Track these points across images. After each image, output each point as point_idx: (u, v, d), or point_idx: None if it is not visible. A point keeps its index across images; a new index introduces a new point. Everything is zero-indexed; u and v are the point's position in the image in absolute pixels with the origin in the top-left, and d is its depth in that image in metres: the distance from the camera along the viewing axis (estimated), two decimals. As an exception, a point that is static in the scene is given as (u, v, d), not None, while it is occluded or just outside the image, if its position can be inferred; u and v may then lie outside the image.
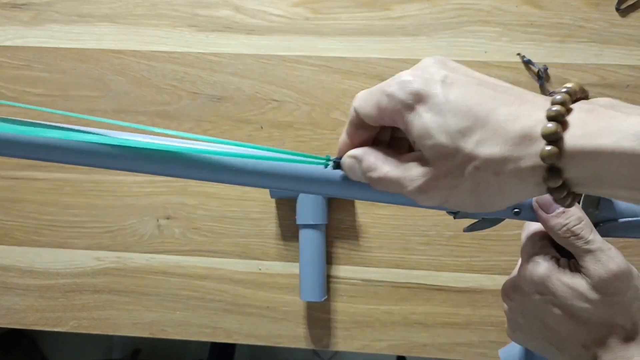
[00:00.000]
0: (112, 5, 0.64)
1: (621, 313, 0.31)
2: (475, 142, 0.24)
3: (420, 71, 0.26)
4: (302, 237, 0.59)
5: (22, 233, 0.66)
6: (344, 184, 0.32)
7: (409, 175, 0.27)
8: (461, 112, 0.24)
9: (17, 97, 0.65)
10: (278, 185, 0.33)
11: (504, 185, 0.25)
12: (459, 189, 0.26)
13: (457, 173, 0.25)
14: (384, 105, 0.27)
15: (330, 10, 0.62)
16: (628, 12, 0.59)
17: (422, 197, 0.27)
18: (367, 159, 0.29)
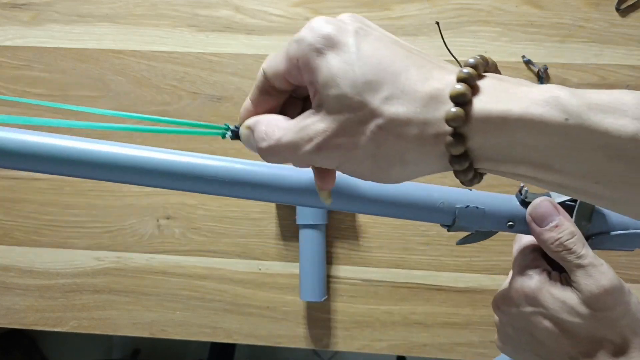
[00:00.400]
0: (112, 5, 0.64)
1: (610, 328, 0.31)
2: (383, 98, 0.23)
3: (335, 20, 0.25)
4: (302, 237, 0.59)
5: (22, 233, 0.66)
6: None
7: (306, 134, 0.24)
8: (371, 65, 0.23)
9: (17, 97, 0.65)
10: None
11: (405, 151, 0.23)
12: (358, 151, 0.24)
13: (359, 130, 0.23)
14: (293, 52, 0.25)
15: (330, 10, 0.62)
16: (628, 12, 0.59)
17: (320, 156, 0.25)
18: (260, 127, 0.26)
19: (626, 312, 0.32)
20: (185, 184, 0.31)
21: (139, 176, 0.31)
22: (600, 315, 0.31)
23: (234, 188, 0.32)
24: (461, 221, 0.33)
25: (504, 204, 0.34)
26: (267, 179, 0.32)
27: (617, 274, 0.32)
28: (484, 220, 0.33)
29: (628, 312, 0.32)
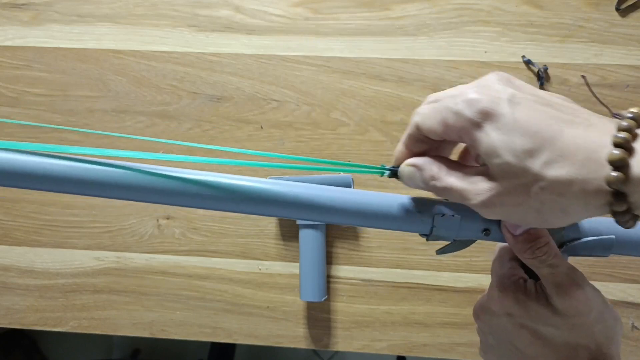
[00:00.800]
0: (112, 5, 0.64)
1: (584, 335, 0.32)
2: (543, 162, 0.25)
3: (486, 89, 0.27)
4: (302, 237, 0.59)
5: (22, 233, 0.66)
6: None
7: (474, 188, 0.28)
8: (529, 133, 0.25)
9: (17, 97, 0.65)
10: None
11: (568, 205, 0.25)
12: (523, 206, 0.26)
13: (523, 191, 0.26)
14: (451, 122, 0.27)
15: (330, 10, 0.62)
16: (628, 12, 0.59)
17: (485, 210, 0.28)
18: (430, 167, 0.30)
19: (599, 318, 0.32)
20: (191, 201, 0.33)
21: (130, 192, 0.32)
22: (572, 322, 0.31)
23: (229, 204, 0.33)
24: (438, 230, 0.34)
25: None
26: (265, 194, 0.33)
27: (593, 281, 0.32)
28: (460, 228, 0.34)
29: (601, 319, 0.32)
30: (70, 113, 0.65)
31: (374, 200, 0.34)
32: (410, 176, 0.31)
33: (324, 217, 0.33)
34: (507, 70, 0.60)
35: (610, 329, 0.32)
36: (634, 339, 0.60)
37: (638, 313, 0.60)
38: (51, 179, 0.31)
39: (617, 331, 0.33)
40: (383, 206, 0.33)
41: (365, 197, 0.34)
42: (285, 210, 0.33)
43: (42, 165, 0.30)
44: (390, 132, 0.61)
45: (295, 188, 0.33)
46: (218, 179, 0.33)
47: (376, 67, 0.61)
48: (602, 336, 0.32)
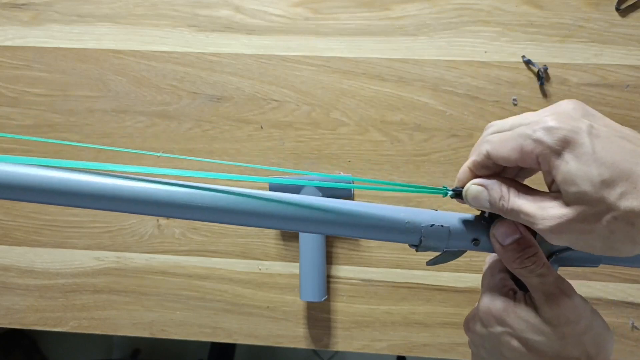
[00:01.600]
0: (112, 5, 0.64)
1: (574, 345, 0.32)
2: (618, 194, 0.26)
3: (564, 117, 0.28)
4: (302, 237, 0.59)
5: (22, 233, 0.66)
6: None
7: (544, 214, 0.29)
8: (606, 164, 0.27)
9: (17, 97, 0.65)
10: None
11: (637, 234, 0.27)
12: (592, 234, 0.28)
13: (594, 220, 0.27)
14: (529, 149, 0.29)
15: (330, 10, 0.62)
16: (628, 12, 0.59)
17: (553, 236, 0.29)
18: (498, 188, 0.31)
19: (589, 327, 0.32)
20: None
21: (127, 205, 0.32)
22: (561, 331, 0.31)
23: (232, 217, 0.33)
24: (427, 240, 0.34)
25: (468, 223, 0.35)
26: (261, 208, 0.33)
27: (582, 290, 0.33)
28: (449, 238, 0.34)
29: (591, 328, 0.32)
30: (70, 113, 0.65)
31: (363, 210, 0.34)
32: (476, 196, 0.32)
33: (312, 228, 0.33)
34: (507, 70, 0.60)
35: (600, 338, 0.32)
36: (634, 339, 0.60)
37: (638, 313, 0.60)
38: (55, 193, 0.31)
39: (607, 340, 0.33)
40: (372, 216, 0.33)
41: (353, 207, 0.34)
42: (271, 222, 0.33)
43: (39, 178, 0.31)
44: (390, 132, 0.61)
45: (284, 199, 0.33)
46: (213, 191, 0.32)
47: (376, 67, 0.61)
48: (592, 346, 0.32)
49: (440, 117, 0.61)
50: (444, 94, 0.61)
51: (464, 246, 0.35)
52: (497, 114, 0.60)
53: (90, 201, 0.31)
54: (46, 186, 0.31)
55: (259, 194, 0.32)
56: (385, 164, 0.61)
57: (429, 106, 0.61)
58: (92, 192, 0.31)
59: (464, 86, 0.60)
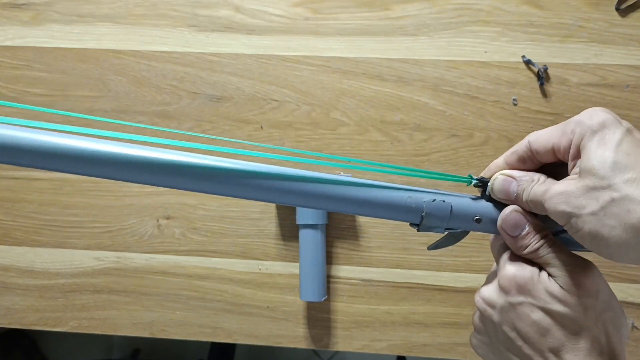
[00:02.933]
0: (112, 5, 0.64)
1: (595, 320, 0.31)
2: (625, 179, 0.28)
3: (612, 113, 0.31)
4: (302, 237, 0.59)
5: (22, 233, 0.66)
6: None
7: (551, 189, 0.31)
8: (626, 155, 0.28)
9: (17, 97, 0.65)
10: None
11: (630, 228, 0.27)
12: (585, 211, 0.29)
13: (591, 196, 0.28)
14: (570, 128, 0.31)
15: (330, 10, 0.62)
16: (628, 12, 0.59)
17: (551, 209, 0.30)
18: (527, 177, 0.33)
19: (608, 305, 0.32)
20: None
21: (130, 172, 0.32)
22: (584, 302, 0.31)
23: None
24: (429, 218, 0.33)
25: (470, 201, 0.35)
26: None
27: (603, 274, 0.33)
28: (451, 217, 0.34)
29: (610, 307, 0.32)
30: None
31: (364, 186, 0.33)
32: (501, 184, 0.34)
33: (311, 203, 0.33)
34: (507, 70, 0.60)
35: (617, 319, 0.32)
36: (634, 339, 0.60)
37: (638, 313, 0.60)
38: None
39: (623, 323, 0.33)
40: (373, 192, 0.33)
41: (354, 182, 0.33)
42: (270, 195, 0.33)
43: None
44: (390, 132, 0.61)
45: (281, 172, 0.33)
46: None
47: (376, 67, 0.61)
48: (611, 325, 0.32)
49: (440, 117, 0.61)
50: (444, 94, 0.61)
51: (466, 226, 0.35)
52: (497, 114, 0.60)
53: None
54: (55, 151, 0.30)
55: (259, 167, 0.32)
56: (387, 163, 0.61)
57: (429, 106, 0.61)
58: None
59: (464, 86, 0.60)
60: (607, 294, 0.32)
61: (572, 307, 0.31)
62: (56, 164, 0.30)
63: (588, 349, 0.31)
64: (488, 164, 0.60)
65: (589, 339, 0.31)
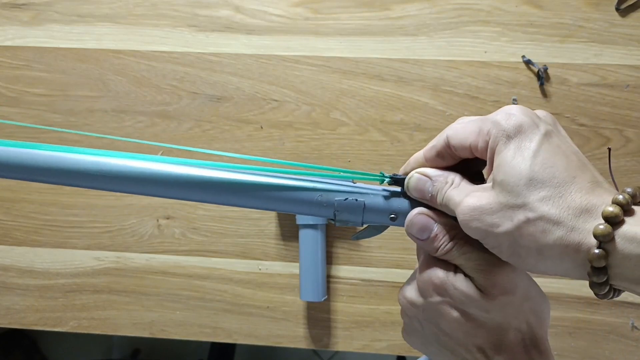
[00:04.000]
0: (112, 5, 0.64)
1: (514, 314, 0.31)
2: (541, 197, 0.26)
3: (529, 113, 0.28)
4: (302, 237, 0.59)
5: (22, 233, 0.66)
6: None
7: (464, 202, 0.29)
8: (543, 166, 0.26)
9: (17, 97, 0.65)
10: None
11: (545, 248, 0.26)
12: (499, 231, 0.27)
13: (505, 215, 0.27)
14: (486, 129, 0.29)
15: (330, 10, 0.62)
16: (628, 12, 0.59)
17: (463, 225, 0.29)
18: (443, 177, 0.31)
19: (526, 296, 0.31)
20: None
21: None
22: (499, 301, 0.30)
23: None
24: (342, 214, 0.34)
25: (387, 197, 0.34)
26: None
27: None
28: (365, 213, 0.34)
29: (529, 298, 0.31)
30: (70, 113, 0.65)
31: (276, 182, 0.33)
32: (416, 182, 0.32)
33: (221, 199, 0.34)
34: (507, 70, 0.60)
35: (539, 306, 0.32)
36: (634, 339, 0.60)
37: (638, 313, 0.60)
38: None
39: (545, 310, 0.33)
40: (285, 187, 0.33)
41: (274, 180, 0.33)
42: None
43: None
44: (390, 132, 0.61)
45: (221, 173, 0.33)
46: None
47: (376, 67, 0.61)
48: (532, 314, 0.32)
49: (440, 117, 0.61)
50: (444, 94, 0.61)
51: (381, 221, 0.34)
52: (497, 114, 0.60)
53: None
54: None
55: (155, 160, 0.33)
56: (385, 164, 0.61)
57: (429, 106, 0.61)
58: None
59: (464, 86, 0.60)
60: (524, 287, 0.31)
61: (489, 308, 0.31)
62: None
63: (510, 343, 0.31)
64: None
65: (509, 334, 0.31)
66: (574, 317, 0.60)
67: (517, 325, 0.31)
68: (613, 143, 0.59)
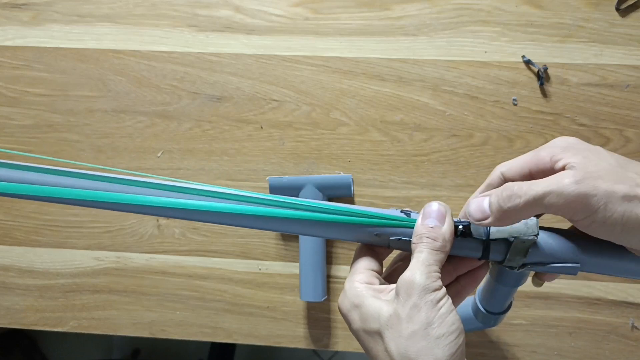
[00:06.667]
0: (112, 5, 0.64)
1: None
2: (637, 171, 0.29)
3: (575, 138, 0.32)
4: (302, 237, 0.59)
5: (22, 233, 0.66)
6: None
7: (563, 180, 0.29)
8: (619, 158, 0.30)
9: (17, 97, 0.65)
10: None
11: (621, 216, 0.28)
12: (618, 193, 0.28)
13: (620, 178, 0.29)
14: (544, 153, 0.31)
15: (330, 10, 0.62)
16: (628, 12, 0.59)
17: (578, 192, 0.28)
18: (505, 187, 0.31)
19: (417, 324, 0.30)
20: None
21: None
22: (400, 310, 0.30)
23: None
24: (395, 246, 0.35)
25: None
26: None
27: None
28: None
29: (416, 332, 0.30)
30: (70, 113, 0.65)
31: (333, 217, 0.34)
32: (479, 205, 0.32)
33: (296, 229, 0.35)
34: (507, 70, 0.60)
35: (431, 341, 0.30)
36: (634, 339, 0.60)
37: (638, 313, 0.60)
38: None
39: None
40: (341, 222, 0.34)
41: (325, 212, 0.34)
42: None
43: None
44: (390, 132, 0.61)
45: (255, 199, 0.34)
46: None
47: (376, 67, 0.61)
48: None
49: (440, 117, 0.61)
50: (444, 94, 0.61)
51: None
52: (497, 114, 0.60)
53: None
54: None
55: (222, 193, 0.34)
56: (385, 164, 0.61)
57: (429, 106, 0.61)
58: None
59: (464, 86, 0.60)
60: (418, 308, 0.30)
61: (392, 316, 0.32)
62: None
63: None
64: (488, 164, 0.60)
65: None
66: (574, 317, 0.60)
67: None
68: (613, 143, 0.59)
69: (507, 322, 0.61)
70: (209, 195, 0.34)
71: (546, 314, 0.60)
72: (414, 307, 0.30)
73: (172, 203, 0.33)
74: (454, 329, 0.29)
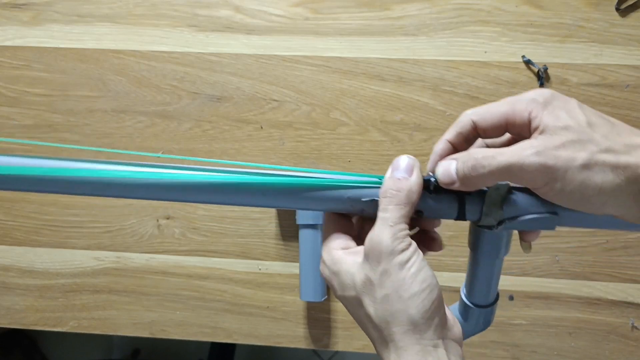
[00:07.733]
0: (112, 5, 0.64)
1: (371, 294, 0.32)
2: (602, 134, 0.28)
3: (551, 91, 0.31)
4: (302, 237, 0.59)
5: (22, 233, 0.66)
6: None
7: (525, 149, 0.29)
8: (594, 115, 0.29)
9: (17, 97, 0.65)
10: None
11: (606, 182, 0.28)
12: (576, 162, 0.28)
13: (578, 148, 0.28)
14: (523, 106, 0.30)
15: (330, 10, 0.62)
16: (628, 12, 0.59)
17: (537, 165, 0.28)
18: (475, 152, 0.31)
19: (389, 281, 0.31)
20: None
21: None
22: (374, 272, 0.31)
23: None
24: (368, 211, 0.35)
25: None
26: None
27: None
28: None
29: (393, 288, 0.31)
30: (70, 113, 0.65)
31: (304, 181, 0.34)
32: (446, 169, 0.32)
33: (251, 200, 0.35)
34: (507, 70, 0.60)
35: (403, 303, 0.32)
36: (634, 339, 0.60)
37: (638, 313, 0.60)
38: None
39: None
40: (312, 186, 0.34)
41: (298, 179, 0.34)
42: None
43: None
44: (390, 132, 0.61)
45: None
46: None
47: (376, 67, 0.61)
48: (388, 312, 0.32)
49: (440, 117, 0.61)
50: (444, 94, 0.61)
51: None
52: (497, 114, 0.60)
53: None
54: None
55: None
56: (385, 164, 0.61)
57: (429, 106, 0.61)
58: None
59: (464, 86, 0.60)
60: (388, 272, 0.31)
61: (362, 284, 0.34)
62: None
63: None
64: (488, 164, 0.60)
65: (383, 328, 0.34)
66: (574, 317, 0.60)
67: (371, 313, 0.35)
68: (613, 143, 0.59)
69: (507, 322, 0.61)
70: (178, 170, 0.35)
71: (546, 314, 0.60)
72: (384, 272, 0.31)
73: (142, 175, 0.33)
74: (426, 286, 0.31)
